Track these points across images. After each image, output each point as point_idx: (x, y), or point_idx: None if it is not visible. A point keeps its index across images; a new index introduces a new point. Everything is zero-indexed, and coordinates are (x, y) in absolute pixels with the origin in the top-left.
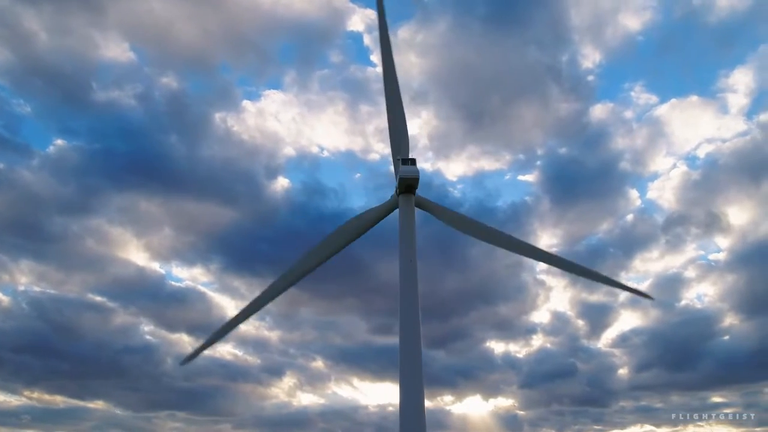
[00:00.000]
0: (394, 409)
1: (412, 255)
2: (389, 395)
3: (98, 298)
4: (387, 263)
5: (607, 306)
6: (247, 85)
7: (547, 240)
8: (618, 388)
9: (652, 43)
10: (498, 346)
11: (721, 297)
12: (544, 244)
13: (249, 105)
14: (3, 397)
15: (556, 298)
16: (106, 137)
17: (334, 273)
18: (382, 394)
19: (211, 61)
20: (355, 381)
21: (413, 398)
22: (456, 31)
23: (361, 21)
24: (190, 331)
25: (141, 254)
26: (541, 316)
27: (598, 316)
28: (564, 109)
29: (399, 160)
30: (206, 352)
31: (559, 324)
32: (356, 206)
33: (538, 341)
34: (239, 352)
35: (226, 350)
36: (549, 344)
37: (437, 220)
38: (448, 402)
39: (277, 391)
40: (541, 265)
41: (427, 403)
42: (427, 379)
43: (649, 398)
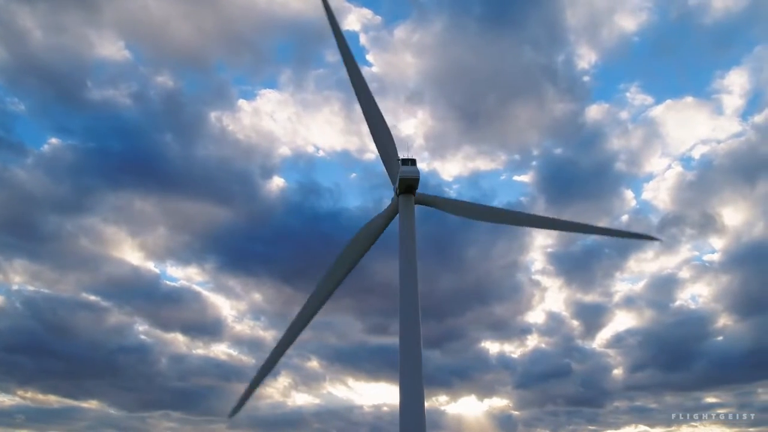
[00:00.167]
0: (389, 409)
1: (412, 255)
2: (384, 395)
3: (92, 298)
4: (382, 263)
5: (602, 306)
6: (242, 85)
7: (542, 240)
8: (612, 388)
9: (648, 43)
10: (493, 347)
11: (716, 298)
12: (539, 244)
13: (244, 104)
14: None
15: (551, 299)
16: (100, 136)
17: None
18: (377, 394)
19: (206, 60)
20: (350, 381)
21: (413, 398)
22: (452, 31)
23: (357, 20)
24: (184, 330)
25: (136, 253)
26: (536, 317)
27: (593, 317)
28: (559, 109)
29: (399, 160)
30: (200, 352)
31: (553, 324)
32: (351, 206)
33: (532, 341)
34: (234, 352)
35: (220, 350)
36: (544, 344)
37: (433, 221)
38: (443, 402)
39: (271, 391)
40: (537, 266)
41: None
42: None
43: (644, 398)
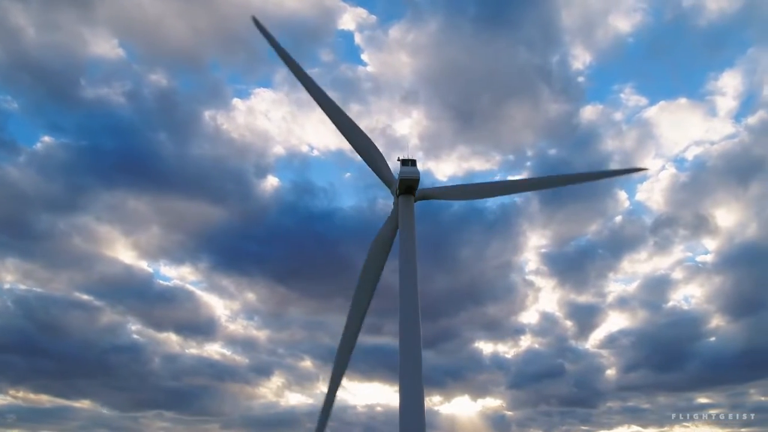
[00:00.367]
0: (383, 409)
1: (412, 256)
2: (378, 395)
3: (85, 297)
4: None
5: (595, 307)
6: (237, 83)
7: (536, 241)
8: (605, 388)
9: (642, 45)
10: (486, 347)
11: (708, 299)
12: (533, 245)
13: (239, 103)
14: None
15: (545, 299)
16: (94, 134)
17: (323, 273)
18: (370, 394)
19: (201, 58)
20: (344, 381)
21: (413, 399)
22: (447, 31)
23: (352, 20)
24: (177, 330)
25: (129, 253)
26: (529, 317)
27: (586, 317)
28: (554, 110)
29: (399, 160)
30: (193, 351)
31: (547, 324)
32: (346, 206)
33: (526, 342)
34: (227, 352)
35: (213, 350)
36: (537, 345)
37: (427, 221)
38: (436, 402)
39: (265, 390)
40: (530, 266)
41: None
42: None
43: (637, 399)
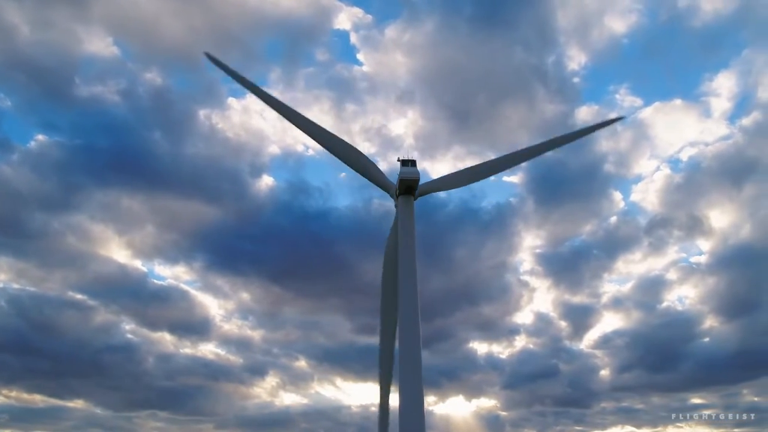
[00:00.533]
0: (377, 409)
1: (412, 256)
2: (372, 395)
3: (79, 296)
4: (371, 263)
5: (590, 307)
6: (232, 82)
7: (530, 241)
8: (599, 389)
9: (638, 45)
10: (481, 347)
11: (702, 299)
12: (528, 245)
13: (234, 102)
14: None
15: (539, 299)
16: (88, 133)
17: (318, 272)
18: (364, 394)
19: (196, 57)
20: (338, 381)
21: (413, 399)
22: (443, 31)
23: (347, 19)
24: (172, 330)
25: (123, 252)
26: (524, 317)
27: (581, 318)
28: (550, 110)
29: (399, 160)
30: (188, 351)
31: (541, 325)
32: (341, 205)
33: (520, 342)
34: (221, 351)
35: (208, 349)
36: (532, 345)
37: (422, 221)
38: (430, 402)
39: (259, 390)
40: (525, 266)
41: None
42: None
43: (630, 399)
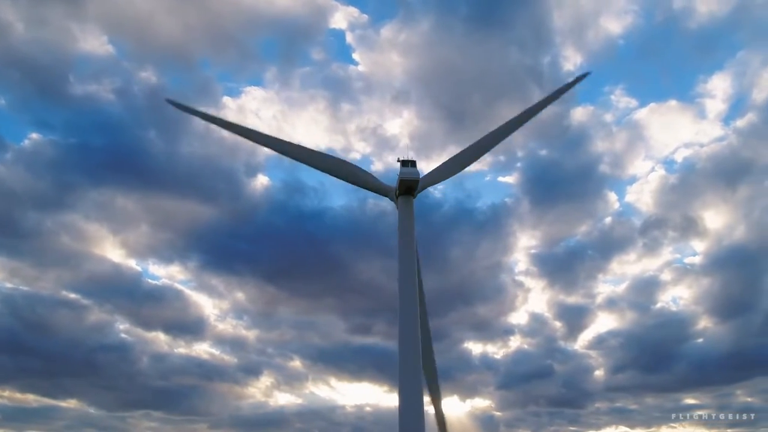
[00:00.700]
0: (371, 409)
1: (412, 256)
2: (367, 395)
3: (73, 296)
4: (365, 263)
5: (584, 308)
6: (227, 81)
7: (526, 241)
8: (594, 389)
9: (633, 46)
10: (476, 347)
11: (696, 300)
12: (523, 245)
13: (229, 101)
14: None
15: (534, 300)
16: (82, 131)
17: (313, 272)
18: (359, 394)
19: (191, 56)
20: (333, 381)
21: (412, 399)
22: (439, 31)
23: (344, 19)
24: (166, 329)
25: (117, 251)
26: (518, 318)
27: (575, 318)
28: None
29: (399, 161)
30: (182, 351)
31: (536, 325)
32: (336, 205)
33: (515, 342)
34: (216, 351)
35: (202, 349)
36: (526, 345)
37: (417, 221)
38: (425, 402)
39: (254, 390)
40: (520, 267)
41: None
42: None
43: (624, 400)
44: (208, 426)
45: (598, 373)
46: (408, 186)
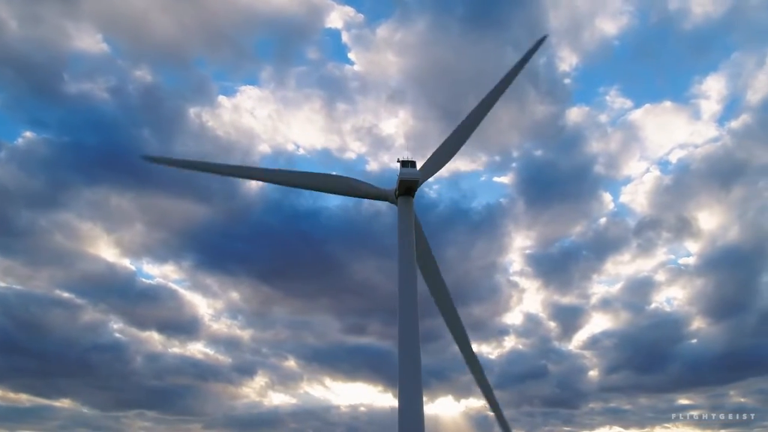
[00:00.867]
0: (366, 409)
1: (411, 256)
2: (361, 395)
3: (66, 295)
4: (361, 263)
5: (579, 308)
6: (222, 80)
7: (520, 242)
8: (588, 389)
9: (628, 47)
10: None
11: (690, 301)
12: (518, 246)
13: (224, 100)
14: None
15: (529, 300)
16: (76, 130)
17: (308, 272)
18: (354, 394)
19: (186, 54)
20: (327, 381)
21: (412, 398)
22: (434, 31)
23: (339, 18)
24: (160, 329)
25: (111, 250)
26: (513, 318)
27: (570, 318)
28: (540, 111)
29: (399, 161)
30: (176, 351)
31: (531, 325)
32: (331, 204)
33: (510, 342)
34: (210, 351)
35: (196, 349)
36: (521, 345)
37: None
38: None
39: (248, 390)
40: (515, 267)
41: None
42: None
43: (618, 400)
44: (202, 426)
45: (593, 374)
46: (408, 186)
